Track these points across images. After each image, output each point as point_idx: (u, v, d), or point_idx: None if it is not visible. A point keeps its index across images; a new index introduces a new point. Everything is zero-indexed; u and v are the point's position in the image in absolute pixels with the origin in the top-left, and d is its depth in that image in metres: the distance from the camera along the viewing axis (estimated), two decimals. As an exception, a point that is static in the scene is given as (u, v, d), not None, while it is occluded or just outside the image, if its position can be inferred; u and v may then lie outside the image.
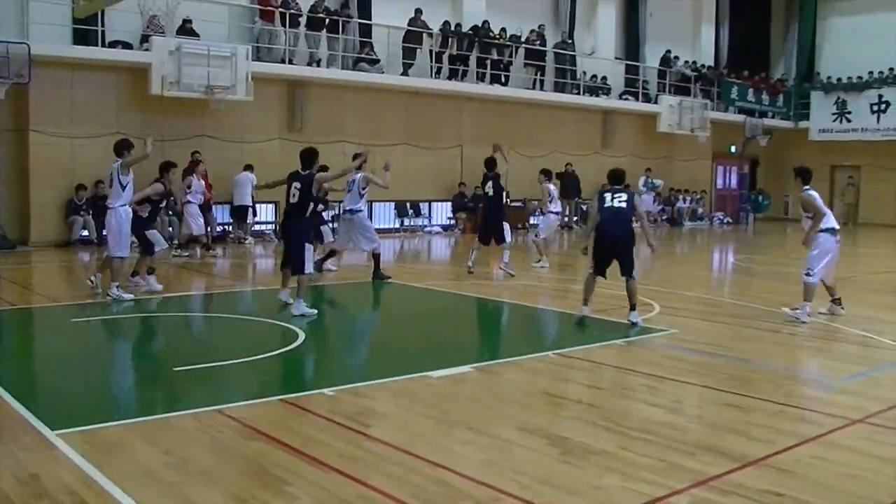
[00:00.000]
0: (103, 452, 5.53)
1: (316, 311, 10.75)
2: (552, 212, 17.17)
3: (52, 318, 10.96)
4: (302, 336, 9.41)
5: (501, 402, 7.10)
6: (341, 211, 15.96)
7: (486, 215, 15.45)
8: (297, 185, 11.11)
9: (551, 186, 17.03)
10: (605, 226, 10.39)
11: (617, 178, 10.85)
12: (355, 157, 13.70)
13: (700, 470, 5.33)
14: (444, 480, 5.09)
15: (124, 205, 12.10)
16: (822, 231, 10.74)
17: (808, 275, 10.78)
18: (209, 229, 19.72)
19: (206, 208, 19.74)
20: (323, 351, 9.40)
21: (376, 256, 14.15)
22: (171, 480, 5.07)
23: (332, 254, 14.92)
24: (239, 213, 21.62)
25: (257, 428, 6.04)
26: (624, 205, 10.37)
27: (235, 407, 6.54)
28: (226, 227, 22.12)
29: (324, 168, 12.47)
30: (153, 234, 13.12)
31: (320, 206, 14.91)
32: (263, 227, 22.97)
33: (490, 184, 15.10)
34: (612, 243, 10.35)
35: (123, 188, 12.04)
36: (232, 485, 5.03)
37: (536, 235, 17.27)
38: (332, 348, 9.58)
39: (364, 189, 14.08)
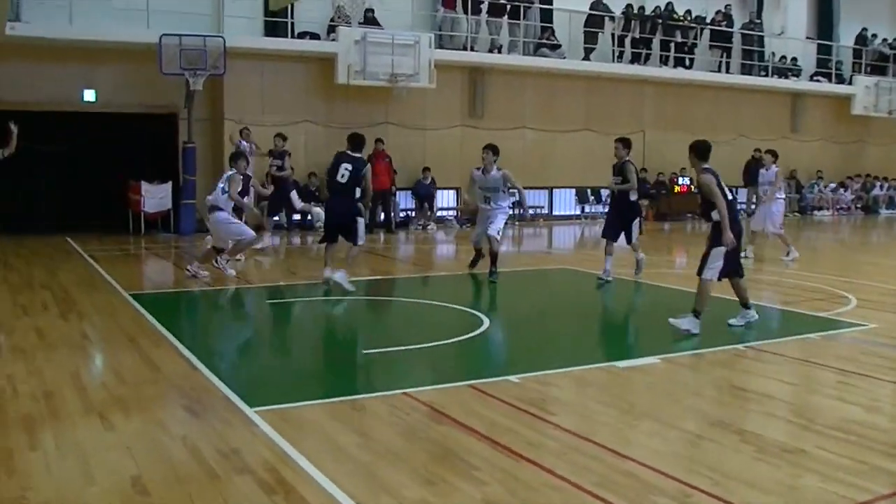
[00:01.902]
0: (298, 430, 5.75)
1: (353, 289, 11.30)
2: (780, 198, 15.93)
3: (249, 300, 11.46)
4: (487, 322, 9.48)
5: (690, 394, 6.95)
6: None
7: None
8: (347, 167, 11.38)
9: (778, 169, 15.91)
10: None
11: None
12: None
13: (904, 474, 5.06)
14: (631, 472, 5.03)
15: None
16: None
17: None
18: (393, 215, 20.24)
19: (388, 194, 20.23)
20: (507, 337, 9.45)
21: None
22: (362, 460, 5.22)
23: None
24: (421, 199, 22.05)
25: (444, 412, 6.13)
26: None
27: (423, 391, 6.67)
28: (409, 212, 22.54)
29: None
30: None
31: None
32: (445, 212, 23.27)
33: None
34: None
35: None
36: (420, 467, 5.12)
37: (777, 227, 15.82)
38: (516, 335, 9.61)
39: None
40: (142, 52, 18.51)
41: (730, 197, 8.97)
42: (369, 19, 21.17)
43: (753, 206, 19.53)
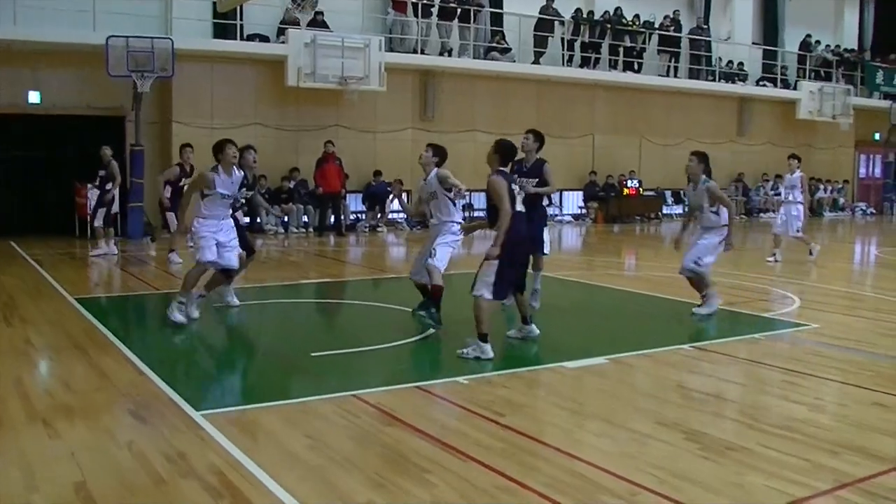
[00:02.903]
0: (246, 434, 5.71)
1: None
2: (800, 202, 15.99)
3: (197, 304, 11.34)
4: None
5: (637, 394, 7.02)
6: None
7: None
8: None
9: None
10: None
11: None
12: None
13: (846, 471, 5.14)
14: (580, 472, 5.07)
15: None
16: None
17: None
18: (343, 218, 20.19)
19: (338, 197, 20.17)
20: (456, 339, 9.44)
21: None
22: (312, 464, 5.20)
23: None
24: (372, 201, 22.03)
25: (394, 414, 6.13)
26: None
27: (372, 392, 6.66)
28: (358, 215, 22.51)
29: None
30: None
31: None
32: (395, 215, 23.26)
33: None
34: None
35: None
36: (371, 470, 5.11)
37: (798, 231, 16.06)
38: (464, 336, 9.61)
39: None
40: (88, 54, 18.28)
41: (518, 208, 8.06)
42: (319, 22, 21.10)
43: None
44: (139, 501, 4.62)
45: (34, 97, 19.16)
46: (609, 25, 26.27)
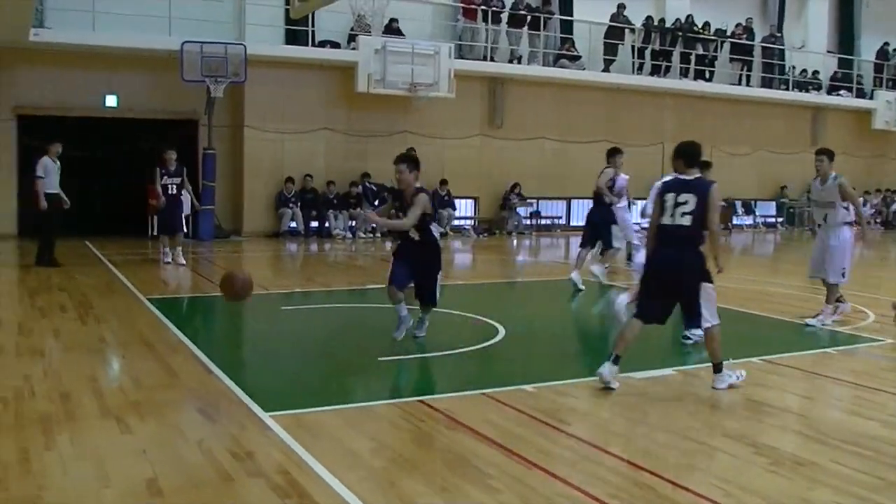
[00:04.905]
0: (312, 435, 5.76)
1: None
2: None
3: (264, 306, 11.50)
4: (502, 332, 9.48)
5: (704, 406, 6.92)
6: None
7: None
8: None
9: None
10: None
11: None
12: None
13: (920, 490, 5.02)
14: (645, 483, 5.02)
15: None
16: None
17: None
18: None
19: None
20: (523, 347, 9.42)
21: None
22: (375, 466, 5.24)
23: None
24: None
25: (459, 420, 6.13)
26: None
27: (438, 398, 6.69)
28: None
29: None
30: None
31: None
32: (462, 222, 23.31)
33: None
34: None
35: None
36: (434, 474, 5.13)
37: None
38: (531, 345, 9.59)
39: None
40: (163, 59, 18.65)
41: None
42: (393, 29, 21.27)
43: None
44: (208, 498, 4.70)
45: (111, 100, 19.63)
46: (680, 33, 26.02)
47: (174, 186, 14.72)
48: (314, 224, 20.85)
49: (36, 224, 14.96)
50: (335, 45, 21.19)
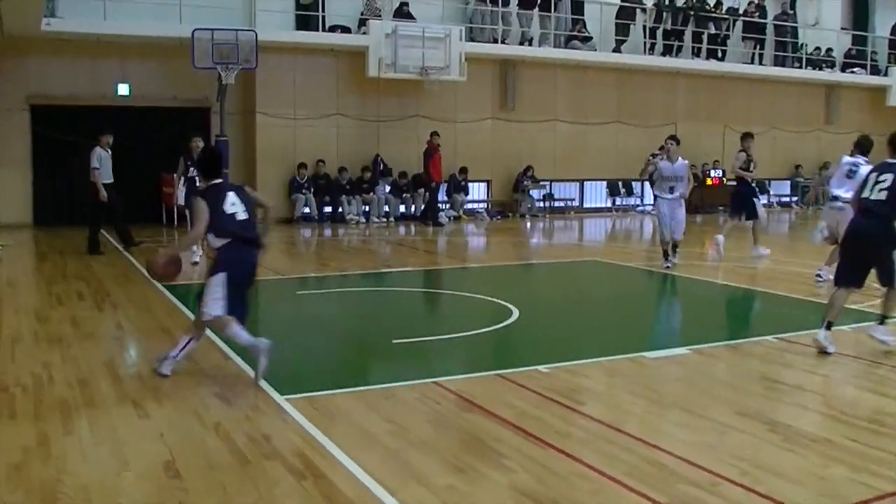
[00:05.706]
0: (328, 418, 5.81)
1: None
2: None
3: (279, 291, 11.55)
4: (516, 313, 9.50)
5: (718, 384, 6.93)
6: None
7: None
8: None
9: None
10: None
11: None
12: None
13: (936, 465, 5.01)
14: (659, 461, 5.04)
15: None
16: None
17: None
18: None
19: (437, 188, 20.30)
20: (537, 328, 9.45)
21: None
22: (391, 447, 5.27)
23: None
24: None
25: (474, 401, 6.16)
26: None
27: (453, 380, 6.71)
28: (442, 205, 22.58)
29: None
30: None
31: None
32: (475, 205, 23.28)
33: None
34: None
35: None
36: (450, 454, 5.16)
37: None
38: (545, 326, 9.60)
39: None
40: (174, 47, 18.66)
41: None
42: (403, 13, 21.24)
43: None
44: (225, 480, 4.74)
45: (123, 89, 19.68)
46: (692, 12, 25.86)
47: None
48: (328, 209, 20.87)
49: (92, 213, 14.96)
50: (346, 30, 21.16)
